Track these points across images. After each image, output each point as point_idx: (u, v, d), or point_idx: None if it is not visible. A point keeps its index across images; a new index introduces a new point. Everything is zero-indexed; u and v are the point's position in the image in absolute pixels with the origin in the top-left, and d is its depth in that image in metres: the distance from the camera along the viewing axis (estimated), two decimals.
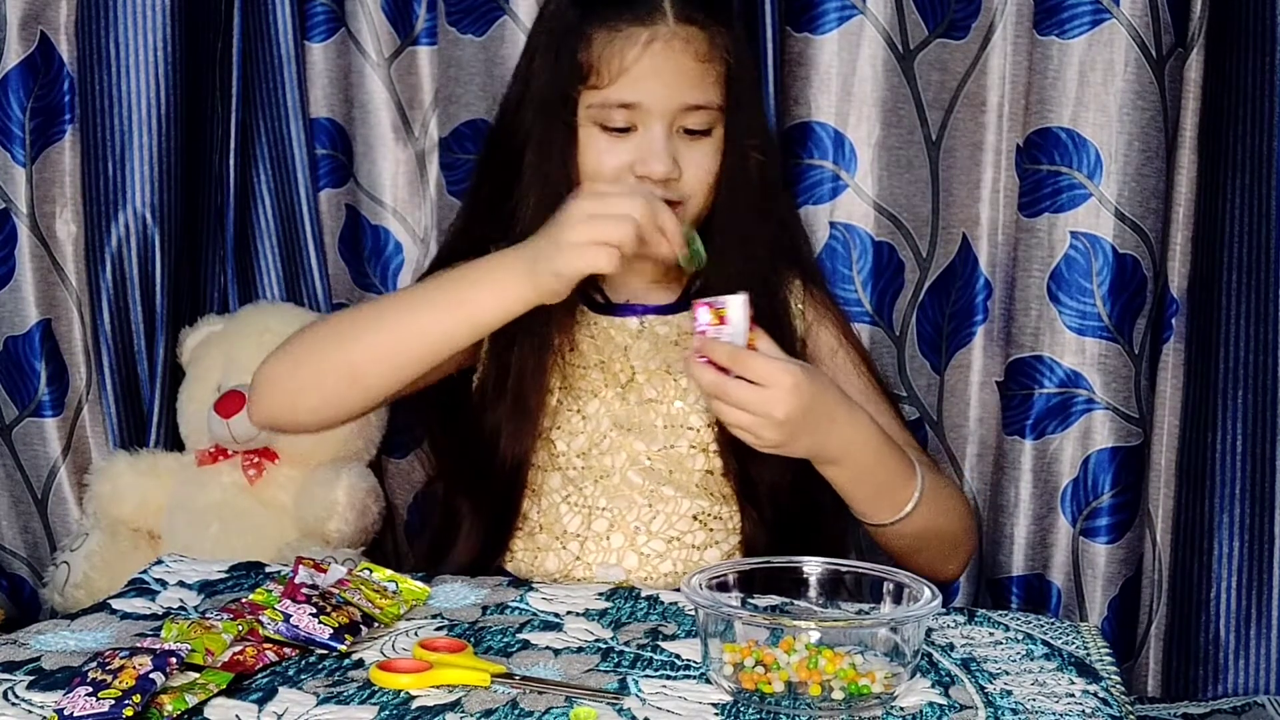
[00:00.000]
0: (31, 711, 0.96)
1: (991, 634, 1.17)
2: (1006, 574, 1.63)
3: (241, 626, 1.08)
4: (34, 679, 1.02)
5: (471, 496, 1.43)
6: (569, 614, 1.19)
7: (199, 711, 0.97)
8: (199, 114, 1.84)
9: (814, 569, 1.14)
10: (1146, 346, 1.59)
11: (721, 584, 1.10)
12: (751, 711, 0.99)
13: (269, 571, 1.30)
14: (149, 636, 1.09)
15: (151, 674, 0.97)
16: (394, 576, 1.22)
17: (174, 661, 0.99)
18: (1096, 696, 1.04)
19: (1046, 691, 1.04)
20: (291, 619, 1.08)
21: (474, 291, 1.28)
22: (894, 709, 1.00)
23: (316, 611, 1.09)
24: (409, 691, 1.01)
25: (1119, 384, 1.58)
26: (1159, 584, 1.67)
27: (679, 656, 1.09)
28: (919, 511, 1.32)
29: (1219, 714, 1.57)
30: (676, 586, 1.32)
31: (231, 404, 1.72)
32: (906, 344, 1.71)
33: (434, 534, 1.50)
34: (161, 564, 1.31)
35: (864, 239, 1.69)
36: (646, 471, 1.40)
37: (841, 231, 1.69)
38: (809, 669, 0.99)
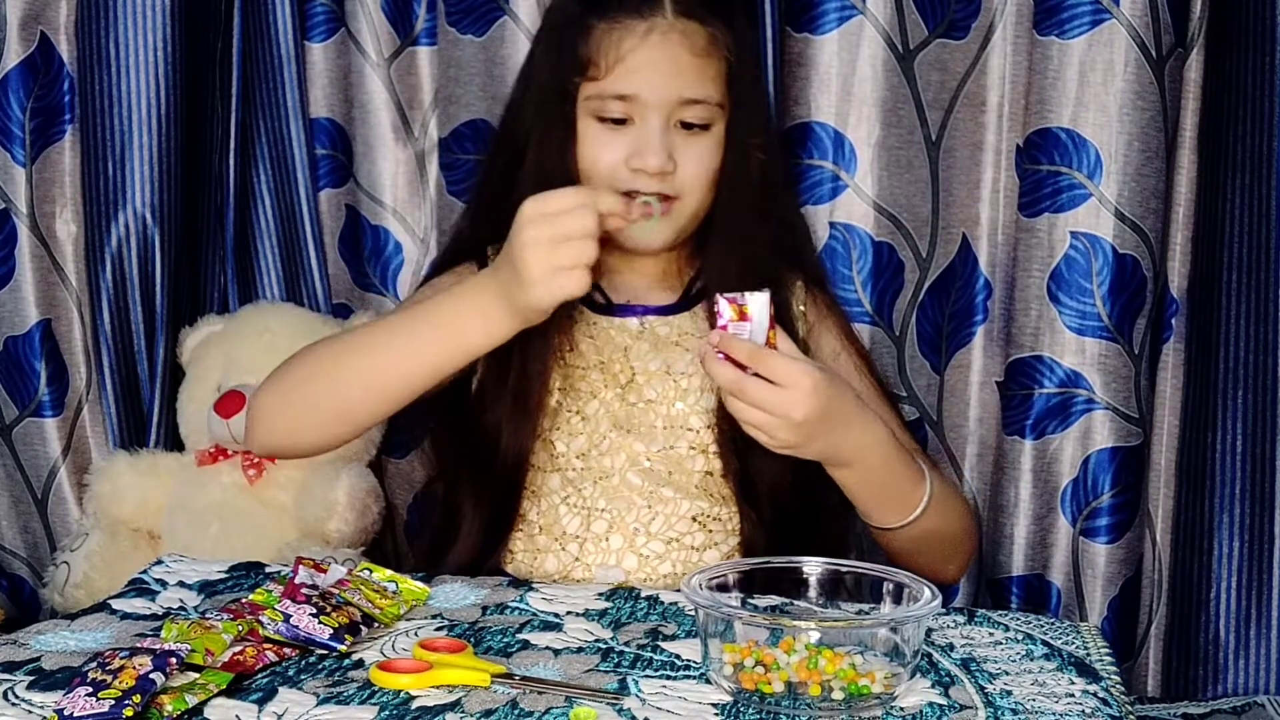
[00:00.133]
0: (31, 711, 0.96)
1: (991, 634, 1.17)
2: (1006, 574, 1.63)
3: (241, 626, 1.08)
4: (34, 679, 1.02)
5: (472, 494, 1.43)
6: (569, 614, 1.19)
7: (199, 711, 0.97)
8: (199, 114, 1.84)
9: (814, 569, 1.14)
10: (1146, 346, 1.59)
11: (721, 584, 1.10)
12: (751, 711, 0.99)
13: (269, 571, 1.30)
14: (149, 636, 1.09)
15: (151, 674, 0.97)
16: (394, 576, 1.22)
17: (174, 661, 0.99)
18: (1096, 696, 1.04)
19: (1046, 691, 1.04)
20: (291, 619, 1.08)
21: (458, 327, 1.29)
22: (894, 709, 1.00)
23: (316, 611, 1.09)
24: (409, 691, 1.01)
25: (1119, 384, 1.58)
26: (1159, 584, 1.67)
27: (679, 656, 1.09)
28: (925, 516, 1.32)
29: (1219, 714, 1.57)
30: (676, 587, 1.31)
31: (231, 404, 1.72)
32: (906, 344, 1.71)
33: (434, 534, 1.50)
34: (161, 564, 1.31)
35: (864, 239, 1.69)
36: (646, 473, 1.40)
37: (841, 232, 1.69)
38: (809, 669, 0.99)
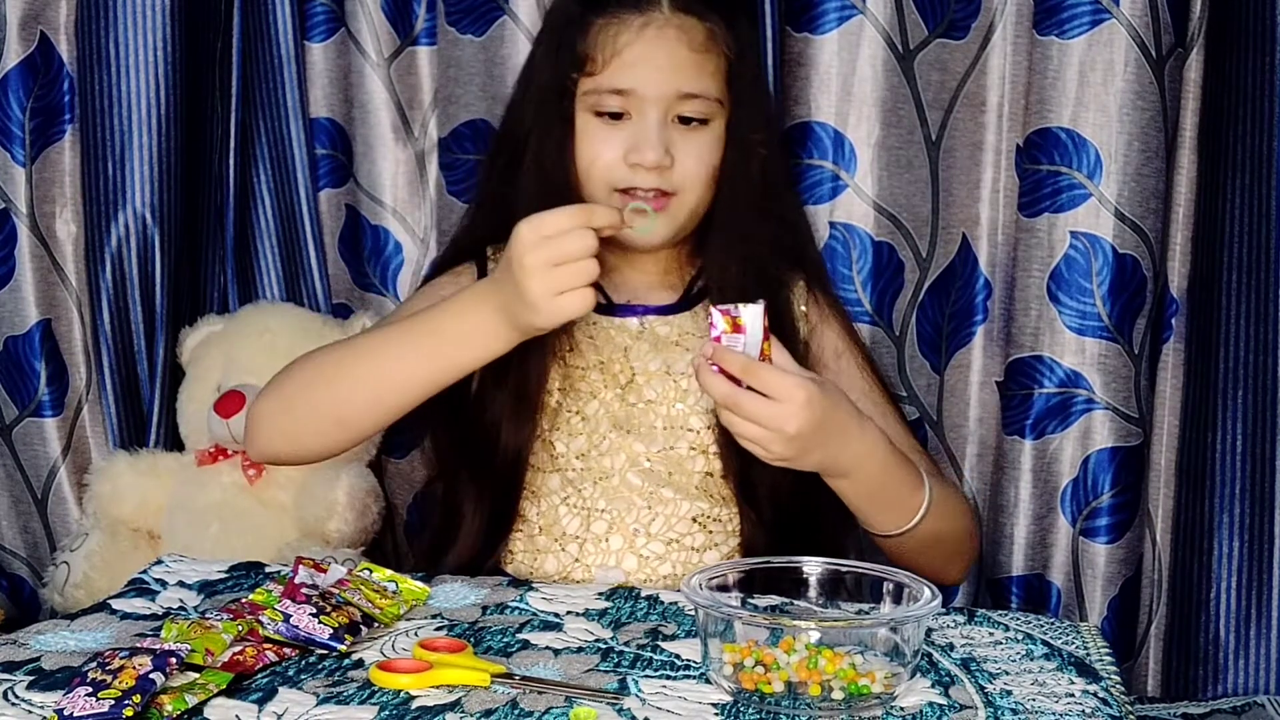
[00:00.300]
0: (31, 711, 0.96)
1: (991, 634, 1.17)
2: (1006, 574, 1.63)
3: (241, 626, 1.08)
4: (34, 679, 1.02)
5: (472, 494, 1.43)
6: (569, 614, 1.19)
7: (199, 711, 0.97)
8: (199, 114, 1.84)
9: (814, 569, 1.14)
10: (1146, 346, 1.59)
11: (721, 584, 1.10)
12: (751, 711, 0.99)
13: (269, 571, 1.30)
14: (149, 636, 1.09)
15: (151, 674, 0.97)
16: (394, 576, 1.21)
17: (174, 661, 0.99)
18: (1096, 696, 1.04)
19: (1046, 691, 1.04)
20: (291, 619, 1.08)
21: (459, 339, 1.29)
22: (894, 709, 1.00)
23: (316, 611, 1.09)
24: (409, 691, 1.01)
25: (1119, 384, 1.58)
26: (1159, 584, 1.67)
27: (679, 656, 1.09)
28: (925, 522, 1.32)
29: (1219, 714, 1.57)
30: (676, 588, 1.31)
31: (231, 404, 1.72)
32: (906, 344, 1.71)
33: (434, 534, 1.50)
34: (161, 564, 1.31)
35: (864, 239, 1.69)
36: (646, 473, 1.40)
37: (841, 231, 1.69)
38: (809, 669, 0.99)
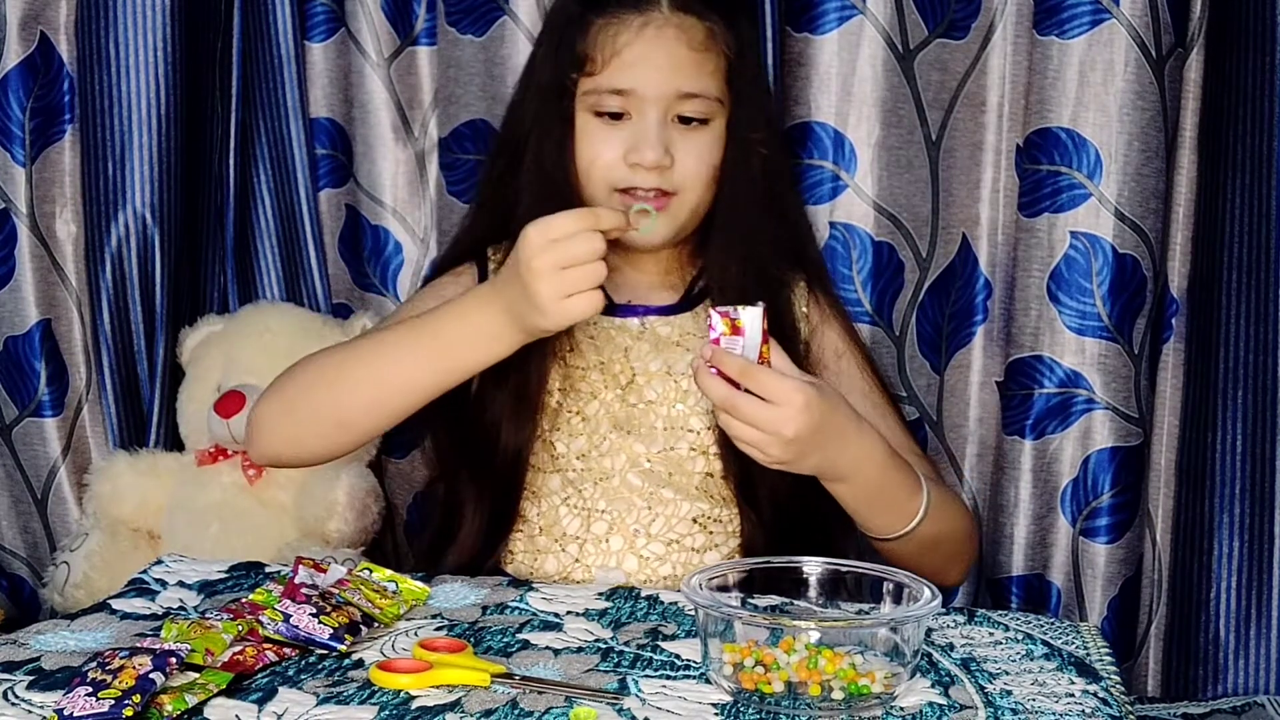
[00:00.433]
0: (31, 711, 0.96)
1: (991, 634, 1.17)
2: (1006, 574, 1.63)
3: (241, 626, 1.08)
4: (34, 679, 1.02)
5: (472, 494, 1.43)
6: (569, 614, 1.19)
7: (199, 711, 0.97)
8: (199, 114, 1.84)
9: (814, 569, 1.14)
10: (1146, 346, 1.59)
11: (721, 584, 1.10)
12: (751, 711, 0.99)
13: (269, 571, 1.30)
14: (149, 636, 1.09)
15: (151, 674, 0.97)
16: (394, 576, 1.21)
17: (174, 661, 0.99)
18: (1096, 696, 1.04)
19: (1046, 691, 1.04)
20: (291, 619, 1.08)
21: (463, 342, 1.29)
22: (894, 709, 1.00)
23: (316, 611, 1.09)
24: (409, 691, 1.01)
25: (1119, 384, 1.58)
26: (1159, 584, 1.67)
27: (679, 656, 1.09)
28: (924, 525, 1.32)
29: (1219, 714, 1.57)
30: (676, 589, 1.31)
31: (231, 404, 1.72)
32: (906, 344, 1.71)
33: (434, 534, 1.49)
34: (161, 564, 1.31)
35: (864, 239, 1.69)
36: (646, 474, 1.40)
37: (841, 231, 1.69)
38: (809, 669, 0.99)
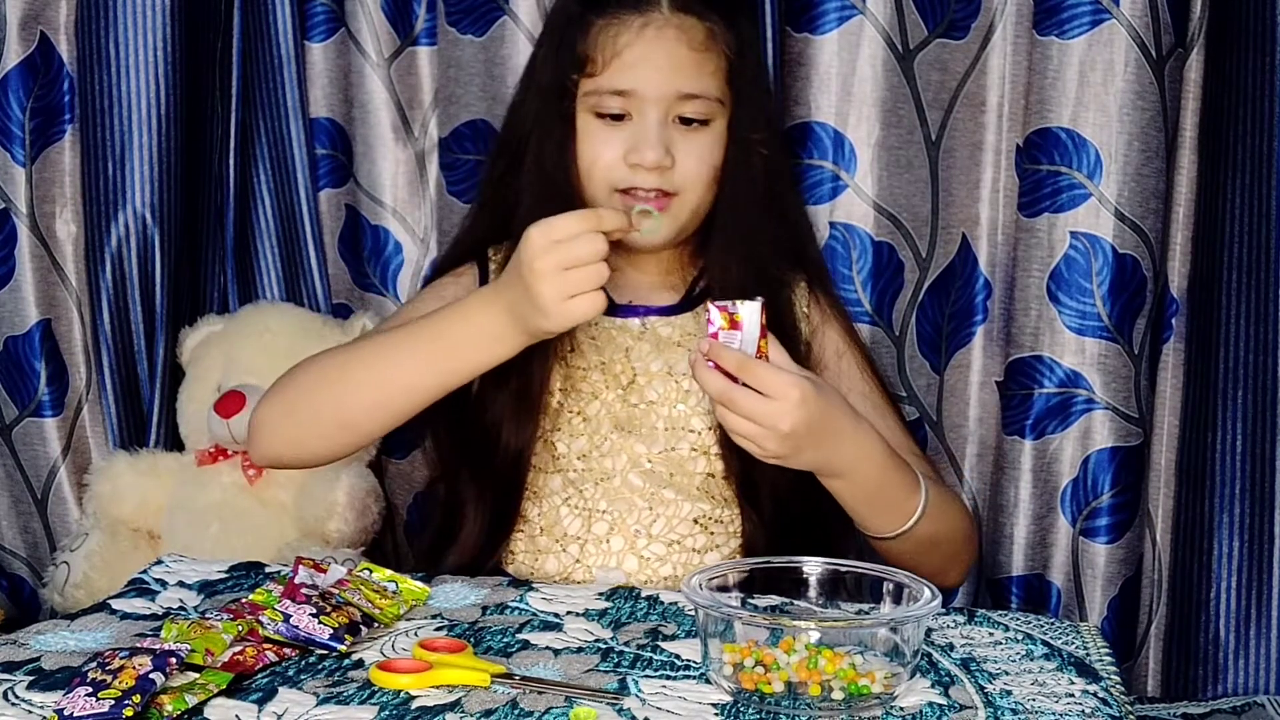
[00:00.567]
0: (31, 711, 0.96)
1: (991, 634, 1.17)
2: (1006, 574, 1.63)
3: (241, 626, 1.08)
4: (34, 679, 1.02)
5: (473, 494, 1.43)
6: (569, 614, 1.19)
7: (199, 711, 0.97)
8: (199, 114, 1.84)
9: (814, 569, 1.14)
10: (1146, 346, 1.59)
11: (721, 584, 1.10)
12: (751, 711, 0.99)
13: (269, 571, 1.30)
14: (149, 636, 1.09)
15: (151, 674, 0.97)
16: (394, 576, 1.22)
17: (174, 661, 0.99)
18: (1096, 696, 1.04)
19: (1046, 691, 1.04)
20: (291, 619, 1.08)
21: (466, 344, 1.29)
22: (894, 709, 1.00)
23: (316, 611, 1.09)
24: (409, 691, 1.01)
25: (1119, 384, 1.58)
26: (1159, 584, 1.67)
27: (679, 656, 1.09)
28: (922, 525, 1.32)
29: (1219, 714, 1.57)
30: (676, 589, 1.31)
31: (231, 404, 1.72)
32: (906, 344, 1.71)
33: (434, 534, 1.50)
34: (161, 564, 1.31)
35: (864, 239, 1.69)
36: (647, 474, 1.40)
37: (841, 231, 1.69)
38: (809, 669, 0.99)
